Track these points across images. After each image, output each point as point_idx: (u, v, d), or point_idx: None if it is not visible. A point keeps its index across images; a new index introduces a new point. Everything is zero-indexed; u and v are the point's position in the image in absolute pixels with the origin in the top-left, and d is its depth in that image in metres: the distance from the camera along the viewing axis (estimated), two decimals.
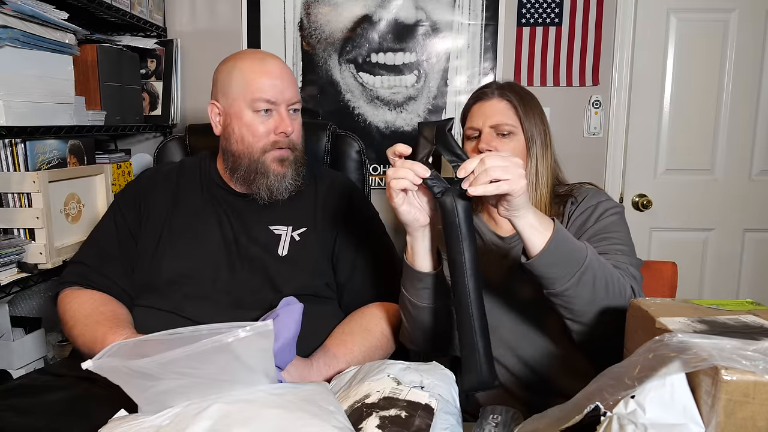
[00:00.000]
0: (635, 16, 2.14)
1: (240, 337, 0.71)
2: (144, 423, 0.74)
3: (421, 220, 0.97)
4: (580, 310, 0.95)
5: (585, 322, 0.96)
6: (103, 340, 1.03)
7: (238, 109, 1.19)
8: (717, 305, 0.80)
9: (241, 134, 1.20)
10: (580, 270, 0.91)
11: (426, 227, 0.99)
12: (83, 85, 1.68)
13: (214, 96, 1.24)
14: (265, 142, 1.20)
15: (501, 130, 1.14)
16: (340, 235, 1.25)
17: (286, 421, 0.70)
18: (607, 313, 0.94)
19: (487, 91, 1.18)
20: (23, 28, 1.34)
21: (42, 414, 0.92)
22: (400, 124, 2.19)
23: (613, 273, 0.96)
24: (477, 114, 1.17)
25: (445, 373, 0.89)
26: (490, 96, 1.17)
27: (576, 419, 0.61)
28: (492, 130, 1.14)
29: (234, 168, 1.22)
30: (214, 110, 1.24)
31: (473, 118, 1.18)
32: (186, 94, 2.20)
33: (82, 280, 1.19)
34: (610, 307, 0.94)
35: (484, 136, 1.14)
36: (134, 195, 1.28)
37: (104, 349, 0.76)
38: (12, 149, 1.42)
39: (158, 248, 1.20)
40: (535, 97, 1.21)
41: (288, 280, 1.16)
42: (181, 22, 2.19)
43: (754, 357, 0.57)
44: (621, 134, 2.19)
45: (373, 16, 2.13)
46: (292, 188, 1.22)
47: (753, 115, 2.19)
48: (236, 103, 1.19)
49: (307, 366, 1.02)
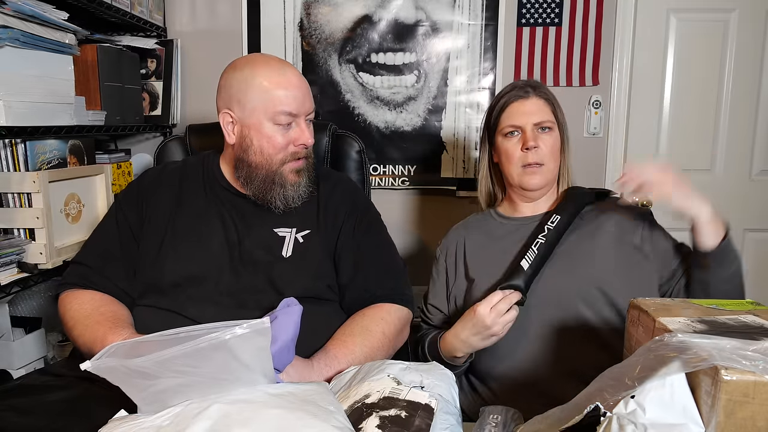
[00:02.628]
0: (635, 16, 2.14)
1: (237, 334, 0.71)
2: (144, 423, 0.74)
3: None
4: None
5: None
6: (103, 340, 1.02)
7: (257, 121, 1.17)
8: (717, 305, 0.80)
9: (261, 146, 1.17)
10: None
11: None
12: (83, 85, 1.69)
13: (226, 104, 1.20)
14: (284, 154, 1.18)
15: (543, 126, 1.23)
16: (343, 236, 1.24)
17: (286, 421, 0.70)
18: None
19: (524, 91, 1.25)
20: (23, 28, 1.34)
21: (42, 414, 0.92)
22: (400, 124, 2.19)
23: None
24: (517, 113, 1.24)
25: (445, 373, 0.89)
26: (530, 95, 1.24)
27: (576, 419, 0.61)
28: (535, 127, 1.22)
29: (249, 178, 1.20)
30: (227, 119, 1.20)
31: (513, 117, 1.24)
32: (186, 94, 2.20)
33: (83, 281, 1.18)
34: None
35: (529, 133, 1.22)
36: (136, 195, 1.26)
37: (102, 350, 0.76)
38: (12, 149, 1.42)
39: (161, 250, 1.19)
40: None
41: (291, 283, 1.15)
42: (181, 22, 2.19)
43: (754, 357, 0.57)
44: (621, 134, 2.20)
45: (373, 16, 2.13)
46: (306, 195, 1.22)
47: (753, 115, 2.19)
48: (255, 115, 1.17)
49: (307, 367, 1.02)
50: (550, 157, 1.22)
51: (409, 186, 2.22)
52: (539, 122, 1.22)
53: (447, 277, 1.33)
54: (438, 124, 2.18)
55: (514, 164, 1.24)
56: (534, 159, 1.21)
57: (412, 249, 2.25)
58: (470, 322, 1.09)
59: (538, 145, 1.21)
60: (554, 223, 1.18)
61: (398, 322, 1.19)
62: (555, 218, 1.19)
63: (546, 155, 1.22)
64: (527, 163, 1.22)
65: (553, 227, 1.17)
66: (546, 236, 1.16)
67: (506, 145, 1.24)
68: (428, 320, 1.35)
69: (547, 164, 1.22)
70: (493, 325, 1.06)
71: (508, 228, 1.29)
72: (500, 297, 1.07)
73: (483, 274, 1.23)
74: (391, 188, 2.23)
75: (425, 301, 1.37)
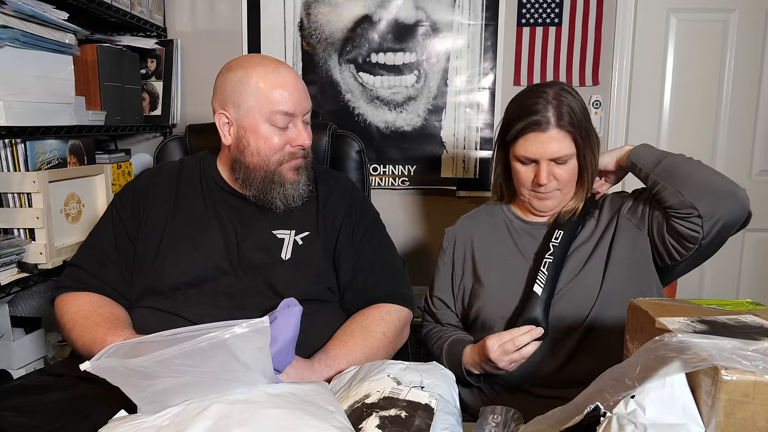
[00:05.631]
0: (635, 16, 2.14)
1: (236, 334, 0.71)
2: (144, 423, 0.74)
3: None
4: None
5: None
6: (102, 341, 1.02)
7: (253, 122, 1.16)
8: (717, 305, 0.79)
9: (258, 147, 1.17)
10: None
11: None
12: (83, 85, 1.69)
13: (222, 105, 1.19)
14: (281, 155, 1.18)
15: (559, 162, 1.17)
16: (342, 237, 1.24)
17: (286, 421, 0.70)
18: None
19: (546, 120, 1.14)
20: (23, 28, 1.34)
21: (42, 414, 0.92)
22: (400, 124, 2.19)
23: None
24: (533, 143, 1.16)
25: (445, 373, 0.89)
26: (547, 126, 1.14)
27: (576, 419, 0.61)
28: (551, 162, 1.17)
29: (248, 179, 1.19)
30: (223, 120, 1.19)
31: (529, 148, 1.16)
32: (186, 94, 2.20)
33: (80, 284, 1.17)
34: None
35: (543, 171, 1.16)
36: (133, 197, 1.25)
37: (102, 351, 0.76)
38: (12, 149, 1.42)
39: (159, 252, 1.18)
40: (581, 101, 1.21)
41: (291, 285, 1.15)
42: (181, 22, 2.19)
43: (754, 357, 0.57)
44: (621, 134, 2.19)
45: (373, 16, 2.13)
46: (305, 194, 1.22)
47: (753, 115, 2.19)
48: (251, 116, 1.16)
49: (307, 367, 1.02)
50: (565, 184, 1.20)
51: (409, 186, 2.22)
52: (554, 158, 1.16)
53: (453, 270, 1.32)
54: (438, 124, 2.18)
55: (525, 187, 1.22)
56: (547, 191, 1.20)
57: (412, 249, 2.25)
58: (480, 349, 1.14)
59: (551, 180, 1.18)
60: (558, 239, 1.18)
61: (398, 322, 1.19)
62: (558, 234, 1.19)
63: (560, 185, 1.20)
64: (539, 191, 1.20)
65: (558, 244, 1.18)
66: (553, 254, 1.17)
67: (519, 168, 1.21)
68: (434, 314, 1.35)
69: (562, 190, 1.21)
70: (497, 361, 1.10)
71: (519, 230, 1.28)
72: (509, 337, 1.10)
73: (491, 276, 1.23)
74: (391, 188, 2.23)
75: (430, 293, 1.36)
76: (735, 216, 1.07)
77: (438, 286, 1.34)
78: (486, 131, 2.17)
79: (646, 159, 1.16)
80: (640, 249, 1.17)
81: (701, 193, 1.06)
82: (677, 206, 1.08)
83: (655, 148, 1.19)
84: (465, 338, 1.25)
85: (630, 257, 1.16)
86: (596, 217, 1.24)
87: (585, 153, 1.18)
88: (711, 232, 1.07)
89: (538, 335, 1.10)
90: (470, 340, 1.24)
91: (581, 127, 1.17)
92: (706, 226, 1.06)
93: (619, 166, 1.24)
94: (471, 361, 1.18)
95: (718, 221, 1.06)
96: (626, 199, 1.24)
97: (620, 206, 1.23)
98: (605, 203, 1.26)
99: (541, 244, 1.22)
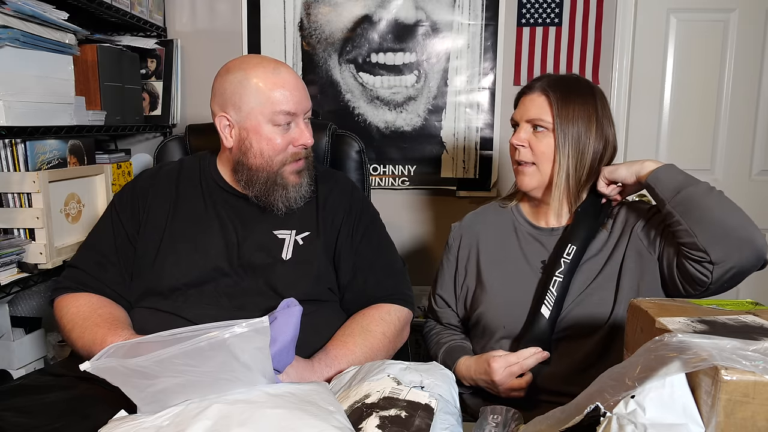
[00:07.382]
0: (635, 16, 2.14)
1: (236, 333, 0.71)
2: (144, 423, 0.74)
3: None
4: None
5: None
6: (102, 341, 1.02)
7: (255, 123, 1.16)
8: (717, 305, 0.80)
9: (260, 149, 1.17)
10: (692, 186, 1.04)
11: None
12: (83, 85, 1.69)
13: (222, 107, 1.18)
14: (284, 156, 1.18)
15: (536, 124, 1.17)
16: (342, 237, 1.24)
17: (286, 421, 0.70)
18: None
19: (534, 83, 1.20)
20: (23, 28, 1.34)
21: (42, 414, 0.92)
22: (400, 124, 2.19)
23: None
24: (519, 105, 1.21)
25: (445, 373, 0.89)
26: (533, 89, 1.19)
27: (576, 420, 0.61)
28: (528, 124, 1.18)
29: (251, 180, 1.19)
30: (223, 122, 1.19)
31: (516, 110, 1.22)
32: (186, 94, 2.20)
33: (79, 285, 1.16)
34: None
35: (519, 129, 1.19)
36: (132, 197, 1.25)
37: (102, 351, 0.76)
38: (12, 149, 1.42)
39: (159, 253, 1.18)
40: (587, 87, 1.19)
41: (291, 285, 1.15)
42: (181, 22, 2.19)
43: (754, 357, 0.57)
44: (621, 134, 2.19)
45: (373, 16, 2.13)
46: (307, 195, 1.22)
47: (753, 115, 2.19)
48: (252, 117, 1.16)
49: (307, 367, 1.02)
50: (539, 158, 1.17)
51: (409, 186, 2.22)
52: (531, 119, 1.17)
53: (457, 269, 1.31)
54: (438, 124, 2.18)
55: (513, 159, 1.22)
56: (519, 158, 1.18)
57: (412, 249, 2.25)
58: (483, 368, 1.12)
59: (525, 144, 1.17)
60: (570, 255, 1.14)
61: (398, 322, 1.19)
62: (571, 249, 1.15)
63: (535, 157, 1.17)
64: (516, 160, 1.20)
65: (569, 260, 1.14)
66: (563, 272, 1.13)
67: (512, 139, 1.21)
68: (435, 311, 1.34)
69: (539, 166, 1.17)
70: (500, 384, 1.09)
71: (527, 235, 1.25)
72: (516, 360, 1.09)
73: (494, 282, 1.22)
74: (391, 188, 2.23)
75: (434, 290, 1.36)
76: (749, 265, 1.00)
77: (441, 283, 1.34)
78: (486, 131, 2.17)
79: (665, 185, 1.06)
80: (650, 271, 1.13)
81: (717, 237, 0.99)
82: (690, 246, 1.02)
83: (678, 170, 1.08)
84: (462, 346, 1.24)
85: (640, 278, 1.13)
86: (609, 228, 1.19)
87: (564, 130, 1.14)
88: (721, 278, 1.01)
89: (543, 358, 1.10)
90: (467, 348, 1.24)
91: (564, 99, 1.15)
92: (717, 272, 1.00)
93: (638, 182, 1.14)
94: (466, 374, 1.17)
95: (730, 270, 1.00)
96: (643, 214, 1.17)
97: (635, 222, 1.17)
98: (620, 212, 1.21)
99: (552, 256, 1.18)
